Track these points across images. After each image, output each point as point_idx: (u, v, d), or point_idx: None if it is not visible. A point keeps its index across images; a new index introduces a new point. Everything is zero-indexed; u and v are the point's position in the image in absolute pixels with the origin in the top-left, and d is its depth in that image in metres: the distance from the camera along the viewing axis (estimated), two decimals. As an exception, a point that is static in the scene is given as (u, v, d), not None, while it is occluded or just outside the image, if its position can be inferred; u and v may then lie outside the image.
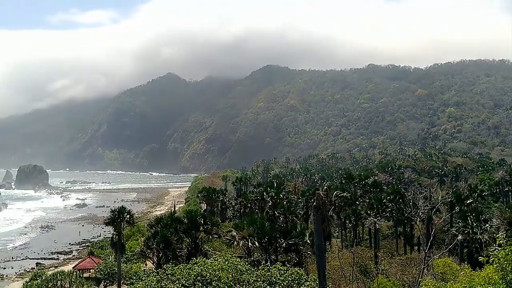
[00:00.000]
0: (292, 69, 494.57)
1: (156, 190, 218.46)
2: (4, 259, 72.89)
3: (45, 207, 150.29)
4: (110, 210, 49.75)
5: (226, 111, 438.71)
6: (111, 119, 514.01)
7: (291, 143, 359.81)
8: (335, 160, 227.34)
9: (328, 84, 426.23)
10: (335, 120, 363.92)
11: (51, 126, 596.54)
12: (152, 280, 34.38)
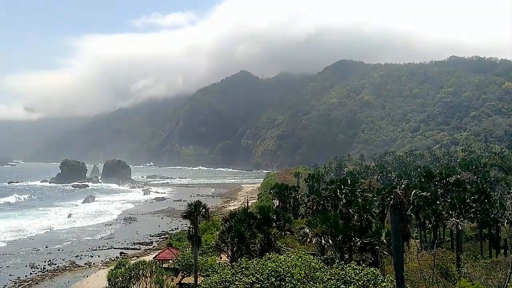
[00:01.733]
0: (367, 64, 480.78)
1: (230, 186, 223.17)
2: (92, 248, 78.18)
3: (128, 200, 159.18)
4: (186, 204, 51.49)
5: (298, 107, 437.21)
6: (187, 117, 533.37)
7: (366, 139, 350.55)
8: (413, 158, 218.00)
9: (405, 78, 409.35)
10: (413, 116, 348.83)
11: (134, 123, 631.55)
12: (227, 273, 35.07)
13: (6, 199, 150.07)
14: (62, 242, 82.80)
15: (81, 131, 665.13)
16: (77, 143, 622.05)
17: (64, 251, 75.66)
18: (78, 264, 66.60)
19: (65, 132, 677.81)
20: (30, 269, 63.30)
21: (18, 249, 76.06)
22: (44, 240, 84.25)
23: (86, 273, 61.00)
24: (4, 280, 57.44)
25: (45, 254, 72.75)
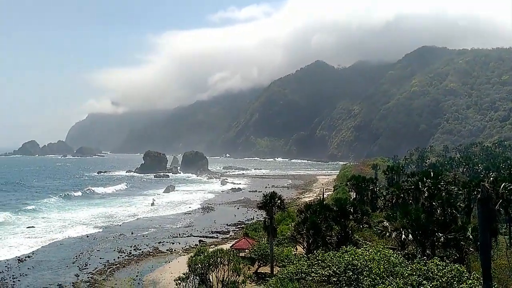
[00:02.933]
0: (451, 49, 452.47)
1: (305, 177, 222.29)
2: (172, 235, 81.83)
3: (206, 190, 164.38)
4: (262, 195, 51.99)
5: (376, 97, 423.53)
6: (262, 108, 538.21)
7: (450, 129, 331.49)
8: (502, 149, 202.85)
9: (494, 63, 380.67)
10: (502, 104, 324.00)
11: (210, 115, 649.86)
12: (303, 264, 34.99)
13: (118, 187, 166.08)
14: (146, 229, 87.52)
15: (162, 124, 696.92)
16: (158, 135, 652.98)
17: (148, 237, 79.94)
18: (161, 250, 70.01)
19: (147, 125, 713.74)
20: (117, 253, 67.64)
21: (107, 235, 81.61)
22: (130, 227, 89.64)
23: (168, 259, 63.99)
24: (95, 263, 61.96)
25: (131, 240, 77.35)
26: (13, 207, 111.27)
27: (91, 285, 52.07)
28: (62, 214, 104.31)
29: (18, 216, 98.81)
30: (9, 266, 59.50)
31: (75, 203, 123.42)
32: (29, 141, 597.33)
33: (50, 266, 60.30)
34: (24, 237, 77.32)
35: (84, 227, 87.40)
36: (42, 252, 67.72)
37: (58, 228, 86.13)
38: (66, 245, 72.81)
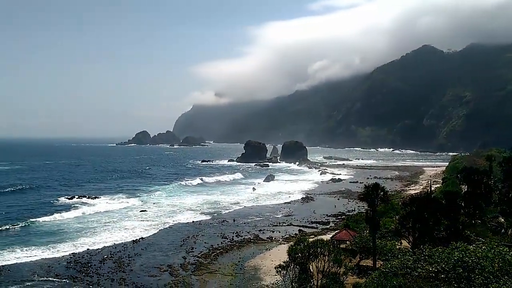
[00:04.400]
0: None
1: (410, 169, 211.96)
2: (272, 223, 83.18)
3: (305, 180, 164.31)
4: (363, 186, 50.45)
5: (490, 82, 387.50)
6: (364, 97, 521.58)
7: None
8: None
9: None
10: None
11: (310, 105, 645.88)
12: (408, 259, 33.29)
13: (233, 176, 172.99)
14: (247, 217, 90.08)
15: (262, 114, 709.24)
16: (258, 125, 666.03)
17: (249, 225, 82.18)
18: (261, 237, 71.52)
19: (248, 115, 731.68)
20: (221, 238, 70.53)
21: (211, 221, 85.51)
22: (232, 214, 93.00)
23: (268, 247, 65.17)
24: (201, 247, 65.24)
25: (233, 227, 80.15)
26: (128, 192, 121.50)
27: (197, 268, 54.93)
28: (171, 200, 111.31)
29: (132, 200, 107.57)
30: (125, 246, 65.02)
31: (182, 190, 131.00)
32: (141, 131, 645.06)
33: (160, 248, 64.74)
34: (137, 220, 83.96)
35: (191, 213, 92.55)
36: (153, 235, 72.97)
37: (168, 213, 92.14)
38: (175, 229, 77.63)
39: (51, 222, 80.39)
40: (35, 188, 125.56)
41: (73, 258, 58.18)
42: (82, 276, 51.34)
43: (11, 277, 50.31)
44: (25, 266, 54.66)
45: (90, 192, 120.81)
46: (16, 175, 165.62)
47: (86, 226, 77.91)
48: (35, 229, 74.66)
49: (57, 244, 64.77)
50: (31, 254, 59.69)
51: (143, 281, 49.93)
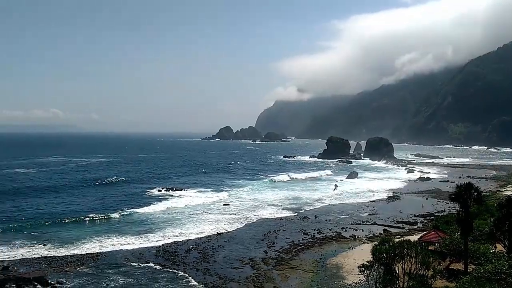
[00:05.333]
0: None
1: (507, 168, 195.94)
2: (355, 221, 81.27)
3: (391, 178, 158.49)
4: (455, 185, 47.46)
5: None
6: (456, 91, 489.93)
7: None
8: None
9: None
10: None
11: (396, 100, 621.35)
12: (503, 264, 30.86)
13: (315, 173, 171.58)
14: (329, 214, 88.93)
15: (345, 109, 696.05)
16: (341, 121, 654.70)
17: (331, 222, 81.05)
18: (344, 235, 70.13)
19: (330, 111, 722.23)
20: (302, 235, 70.29)
21: (292, 216, 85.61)
22: (313, 211, 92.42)
23: (351, 245, 63.72)
24: (282, 242, 65.53)
25: (314, 223, 79.51)
26: (212, 186, 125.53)
27: (278, 262, 55.25)
28: (253, 194, 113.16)
29: (216, 194, 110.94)
30: (209, 238, 67.24)
31: (264, 185, 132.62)
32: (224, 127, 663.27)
33: (243, 241, 66.04)
34: (220, 214, 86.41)
35: (273, 208, 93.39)
36: (236, 228, 74.64)
37: (250, 208, 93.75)
38: (256, 224, 78.79)
39: (142, 213, 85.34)
40: (128, 181, 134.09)
41: (162, 247, 61.34)
42: (170, 264, 53.91)
43: (108, 262, 54.26)
44: (119, 252, 58.64)
45: (177, 185, 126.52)
46: (111, 167, 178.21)
47: (172, 218, 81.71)
48: (128, 219, 79.77)
49: (147, 234, 68.69)
50: (124, 242, 63.92)
51: (226, 273, 51.26)
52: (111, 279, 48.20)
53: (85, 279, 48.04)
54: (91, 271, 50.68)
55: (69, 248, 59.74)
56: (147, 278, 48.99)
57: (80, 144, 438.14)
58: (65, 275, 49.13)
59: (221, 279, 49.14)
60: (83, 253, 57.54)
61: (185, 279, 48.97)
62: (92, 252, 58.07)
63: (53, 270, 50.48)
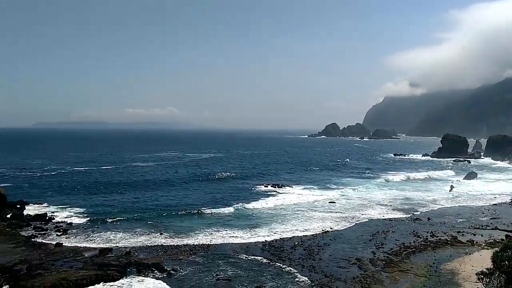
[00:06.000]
0: None
1: None
2: (473, 225, 75.05)
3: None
4: None
5: None
6: None
7: None
8: None
9: None
10: None
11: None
12: None
13: (428, 172, 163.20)
14: (443, 216, 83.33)
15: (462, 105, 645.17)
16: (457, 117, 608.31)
17: (445, 225, 75.83)
18: (460, 240, 65.10)
19: (445, 107, 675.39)
20: (413, 237, 66.73)
21: (403, 217, 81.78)
22: (426, 212, 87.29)
23: (468, 251, 58.93)
24: (391, 243, 62.86)
25: (427, 226, 75.03)
26: (318, 183, 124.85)
27: (387, 264, 53.13)
28: (361, 193, 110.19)
29: (321, 191, 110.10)
30: (314, 236, 66.91)
31: (373, 184, 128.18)
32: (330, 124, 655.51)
33: (349, 240, 64.62)
34: (326, 212, 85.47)
35: (382, 208, 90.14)
36: (342, 227, 73.32)
37: (357, 206, 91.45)
38: (364, 223, 76.60)
39: (249, 208, 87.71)
40: (236, 176, 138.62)
41: (268, 242, 62.50)
42: (276, 259, 54.69)
43: (217, 253, 56.77)
44: (228, 245, 60.98)
45: (283, 181, 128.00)
46: (220, 163, 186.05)
47: (278, 214, 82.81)
48: (236, 213, 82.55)
49: (254, 228, 70.48)
50: (233, 235, 66.32)
51: (332, 271, 50.58)
52: (220, 269, 50.31)
53: (197, 268, 50.77)
54: (202, 261, 53.42)
55: (182, 238, 63.66)
56: (254, 270, 50.27)
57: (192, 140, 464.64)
58: (179, 262, 52.40)
59: (327, 277, 48.60)
60: (195, 244, 60.86)
61: (291, 274, 49.33)
62: (203, 243, 61.15)
63: (168, 258, 54.15)
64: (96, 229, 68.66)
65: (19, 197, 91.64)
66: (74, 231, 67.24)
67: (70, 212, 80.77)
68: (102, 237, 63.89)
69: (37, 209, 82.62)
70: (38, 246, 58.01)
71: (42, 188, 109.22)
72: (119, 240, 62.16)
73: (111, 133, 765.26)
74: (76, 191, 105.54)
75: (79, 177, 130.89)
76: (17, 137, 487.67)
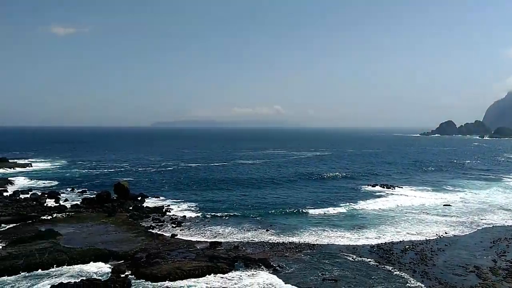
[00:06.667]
0: None
1: None
2: None
3: None
4: None
5: None
6: None
7: None
8: None
9: None
10: None
11: None
12: None
13: None
14: None
15: None
16: None
17: None
18: None
19: None
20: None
21: (530, 224, 73.76)
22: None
23: None
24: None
25: (560, 234, 66.62)
26: (432, 185, 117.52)
27: (509, 274, 48.22)
28: (480, 196, 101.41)
29: (436, 193, 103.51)
30: (428, 240, 63.02)
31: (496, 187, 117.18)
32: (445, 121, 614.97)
33: (466, 246, 59.84)
34: (440, 215, 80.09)
35: (505, 213, 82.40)
36: (458, 232, 68.15)
37: (475, 211, 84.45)
38: (483, 229, 70.50)
39: (356, 208, 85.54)
40: (341, 175, 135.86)
41: (376, 244, 60.32)
42: (384, 262, 52.58)
43: (323, 253, 56.18)
44: (334, 245, 59.99)
45: (391, 181, 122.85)
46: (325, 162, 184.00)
47: (386, 215, 79.56)
48: (342, 213, 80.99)
49: (361, 229, 68.54)
50: (339, 235, 65.16)
51: (447, 278, 47.23)
52: (326, 269, 49.70)
53: (302, 266, 50.75)
54: (307, 259, 53.27)
55: (288, 236, 64.13)
56: (361, 272, 48.85)
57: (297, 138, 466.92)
58: (285, 259, 52.84)
59: (441, 284, 45.47)
60: (301, 242, 60.91)
61: (401, 278, 47.01)
62: (309, 242, 60.97)
63: (274, 254, 54.90)
64: (207, 223, 72.18)
65: (139, 191, 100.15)
66: (188, 224, 71.43)
67: (184, 206, 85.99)
68: (212, 230, 66.96)
69: (155, 202, 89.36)
70: (155, 236, 62.61)
71: (159, 182, 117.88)
72: (227, 235, 64.61)
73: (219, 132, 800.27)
74: (189, 186, 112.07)
75: (191, 173, 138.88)
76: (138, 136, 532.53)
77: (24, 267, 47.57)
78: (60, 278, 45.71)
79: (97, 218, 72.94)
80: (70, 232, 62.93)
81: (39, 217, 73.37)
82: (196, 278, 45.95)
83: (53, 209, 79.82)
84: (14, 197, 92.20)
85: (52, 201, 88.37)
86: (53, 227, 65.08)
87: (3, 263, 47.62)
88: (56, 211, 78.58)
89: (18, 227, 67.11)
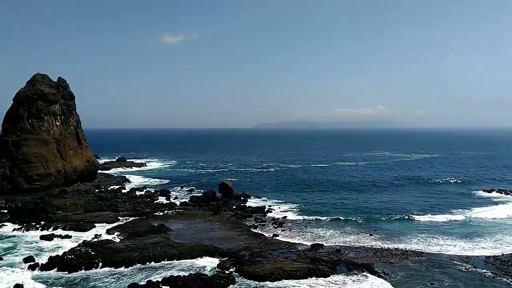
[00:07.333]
0: None
1: None
2: None
3: None
4: None
5: None
6: None
7: None
8: None
9: None
10: None
11: None
12: None
13: None
14: None
15: None
16: None
17: None
18: None
19: None
20: None
21: None
22: None
23: None
24: None
25: None
26: None
27: None
28: None
29: None
30: None
31: None
32: None
33: None
34: None
35: None
36: None
37: None
38: None
39: (469, 215, 79.24)
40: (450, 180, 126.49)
41: (492, 255, 55.33)
42: (502, 274, 48.08)
43: (432, 261, 52.83)
44: (444, 254, 56.10)
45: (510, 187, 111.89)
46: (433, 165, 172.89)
47: (505, 223, 72.94)
48: (454, 221, 75.40)
49: (474, 238, 63.41)
50: (450, 243, 60.84)
51: None
52: (436, 279, 46.68)
53: (409, 273, 48.22)
54: (415, 267, 50.51)
55: (394, 241, 61.40)
56: (475, 284, 45.15)
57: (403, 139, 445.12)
58: (390, 266, 50.65)
59: None
60: (407, 249, 57.93)
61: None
62: (416, 249, 57.79)
63: (378, 260, 52.89)
64: (308, 224, 71.91)
65: (242, 190, 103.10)
66: (289, 224, 71.87)
67: (285, 207, 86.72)
68: (313, 233, 66.57)
69: (257, 202, 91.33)
70: (258, 235, 63.88)
71: (260, 183, 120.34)
72: (329, 237, 63.76)
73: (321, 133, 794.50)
74: (290, 187, 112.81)
75: (292, 174, 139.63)
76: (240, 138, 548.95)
77: (139, 259, 51.56)
78: (171, 271, 48.73)
79: (203, 216, 76.54)
80: (179, 228, 66.85)
81: (152, 213, 79.12)
82: (298, 280, 45.98)
83: (164, 206, 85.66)
84: (131, 194, 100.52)
85: (163, 199, 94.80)
86: (164, 222, 69.63)
87: (121, 255, 52.09)
88: (167, 207, 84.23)
89: (134, 221, 72.94)
